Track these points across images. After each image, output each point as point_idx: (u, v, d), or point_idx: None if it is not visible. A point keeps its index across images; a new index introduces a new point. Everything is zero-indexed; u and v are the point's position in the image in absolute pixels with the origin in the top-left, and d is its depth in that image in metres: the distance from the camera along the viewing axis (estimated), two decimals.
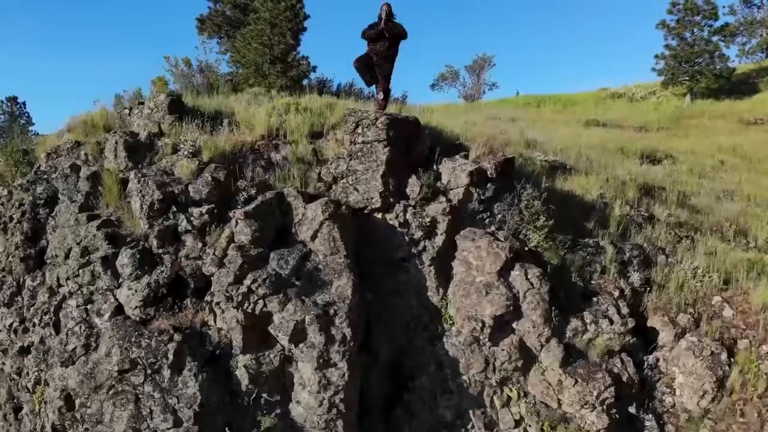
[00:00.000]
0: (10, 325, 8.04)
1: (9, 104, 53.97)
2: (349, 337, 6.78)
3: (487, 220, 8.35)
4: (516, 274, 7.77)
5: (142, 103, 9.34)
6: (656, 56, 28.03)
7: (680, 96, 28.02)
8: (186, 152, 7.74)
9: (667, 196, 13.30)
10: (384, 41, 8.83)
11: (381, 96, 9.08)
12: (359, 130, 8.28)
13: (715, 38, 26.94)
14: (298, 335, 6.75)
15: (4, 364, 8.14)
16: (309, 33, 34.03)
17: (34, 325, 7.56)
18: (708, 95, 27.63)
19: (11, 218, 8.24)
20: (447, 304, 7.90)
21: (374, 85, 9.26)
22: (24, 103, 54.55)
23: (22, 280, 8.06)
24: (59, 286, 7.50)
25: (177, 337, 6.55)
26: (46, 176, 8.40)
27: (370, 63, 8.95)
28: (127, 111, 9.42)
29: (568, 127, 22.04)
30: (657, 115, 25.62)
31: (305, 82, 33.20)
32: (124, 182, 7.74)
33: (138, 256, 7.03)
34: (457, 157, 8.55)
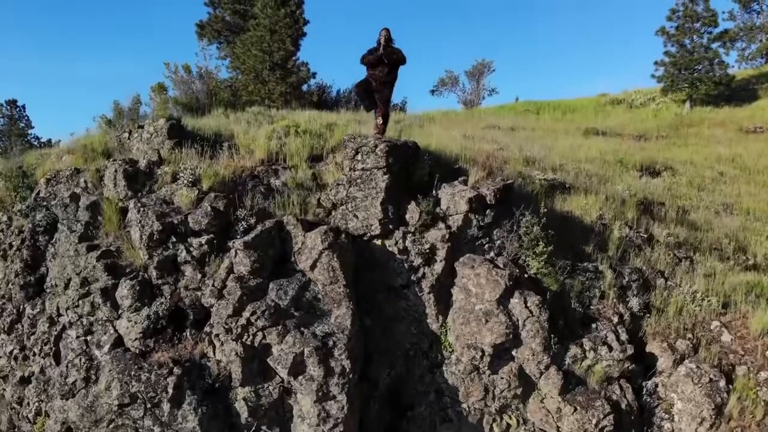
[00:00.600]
0: (11, 353, 8.06)
1: (8, 107, 54.09)
2: (348, 369, 6.80)
3: (486, 246, 8.36)
4: (515, 302, 7.79)
5: (142, 127, 9.36)
6: (656, 63, 28.02)
7: (679, 102, 28.01)
8: (185, 181, 7.75)
9: (666, 213, 13.33)
10: (383, 67, 8.86)
11: (380, 121, 9.09)
12: (359, 157, 8.29)
13: (714, 45, 26.94)
14: (297, 367, 6.77)
15: (4, 390, 8.17)
16: (309, 37, 34.05)
17: (34, 354, 7.58)
18: (707, 102, 27.61)
19: (11, 245, 8.26)
20: (446, 331, 7.92)
21: (373, 110, 9.26)
22: (23, 107, 54.48)
23: (22, 307, 8.08)
24: (59, 315, 7.52)
25: (176, 370, 6.57)
26: (45, 203, 8.42)
27: (369, 88, 8.97)
28: (126, 135, 9.44)
29: (567, 136, 22.05)
30: (656, 123, 25.61)
31: (305, 88, 33.19)
32: (124, 211, 7.76)
33: (137, 287, 7.05)
34: (456, 182, 8.56)
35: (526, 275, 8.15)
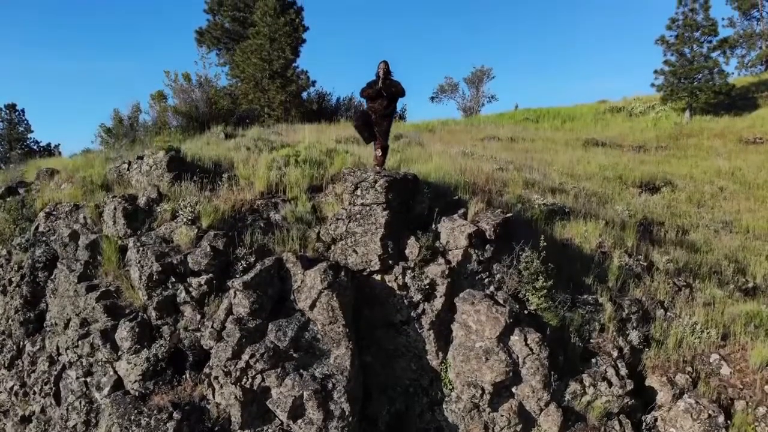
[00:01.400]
0: (11, 389, 8.07)
1: (8, 112, 54.16)
2: (347, 412, 6.80)
3: (486, 280, 8.36)
4: (515, 339, 7.79)
5: (141, 158, 9.36)
6: (655, 71, 28.01)
7: (679, 111, 27.99)
8: (185, 219, 7.74)
9: (666, 233, 13.39)
10: (382, 99, 8.85)
11: (379, 153, 9.08)
12: (358, 192, 8.29)
13: (714, 54, 26.92)
14: (297, 411, 6.77)
15: (5, 426, 8.17)
16: (308, 43, 33.91)
17: (34, 393, 7.59)
18: (707, 111, 27.60)
19: (10, 281, 8.27)
20: (447, 368, 7.92)
21: (373, 142, 9.24)
22: (23, 111, 54.76)
23: (22, 344, 8.09)
24: (59, 354, 7.53)
25: (176, 414, 6.57)
26: (44, 238, 8.42)
27: (368, 121, 8.96)
28: (125, 166, 9.43)
29: (567, 148, 22.07)
30: (656, 133, 25.62)
31: (305, 95, 33.08)
32: (123, 249, 7.76)
33: (137, 329, 7.05)
34: (455, 216, 8.56)
35: (526, 311, 8.15)
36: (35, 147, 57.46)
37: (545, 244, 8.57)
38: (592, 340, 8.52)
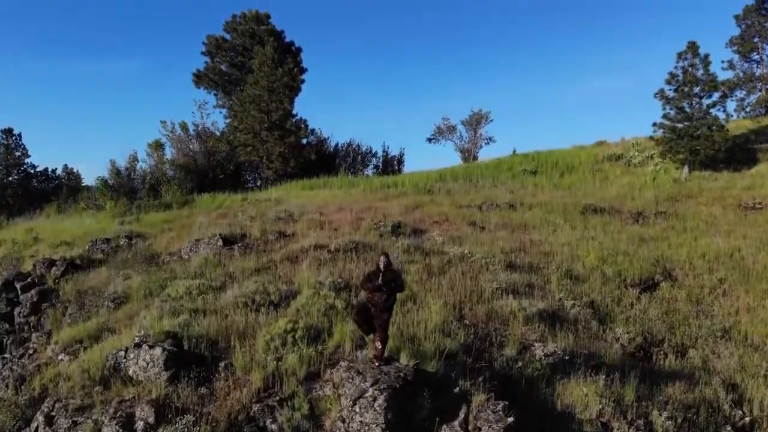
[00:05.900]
0: None
1: (4, 137, 53.83)
2: None
3: None
4: None
5: (139, 346, 9.28)
6: (654, 125, 27.89)
7: (678, 164, 27.90)
8: None
9: (666, 356, 13.47)
10: (381, 293, 8.76)
11: (379, 345, 9.00)
12: (356, 409, 8.23)
13: (714, 110, 26.77)
14: None
15: None
16: (307, 84, 33.62)
17: None
18: (706, 164, 27.52)
19: None
20: None
21: (372, 334, 9.17)
22: (20, 135, 54.56)
23: None
24: None
25: None
26: None
27: (367, 315, 8.88)
28: (122, 353, 9.35)
29: (566, 222, 22.05)
30: (654, 192, 25.49)
31: (304, 141, 33.04)
32: None
33: None
34: (456, 425, 8.52)
35: None
36: (32, 171, 57.21)
37: (545, 395, 8.47)
38: None
